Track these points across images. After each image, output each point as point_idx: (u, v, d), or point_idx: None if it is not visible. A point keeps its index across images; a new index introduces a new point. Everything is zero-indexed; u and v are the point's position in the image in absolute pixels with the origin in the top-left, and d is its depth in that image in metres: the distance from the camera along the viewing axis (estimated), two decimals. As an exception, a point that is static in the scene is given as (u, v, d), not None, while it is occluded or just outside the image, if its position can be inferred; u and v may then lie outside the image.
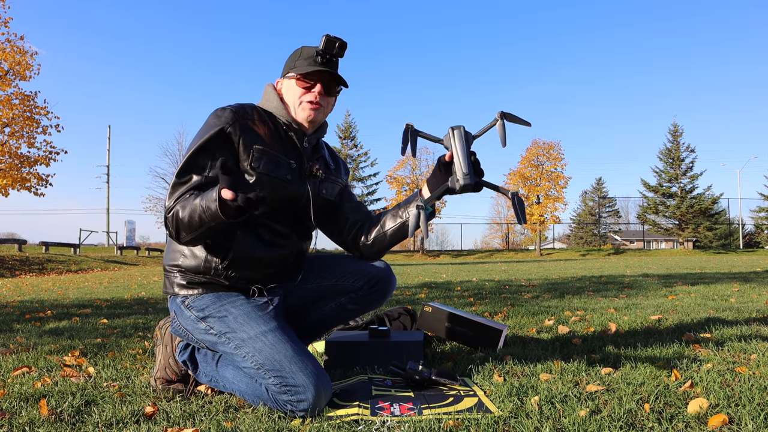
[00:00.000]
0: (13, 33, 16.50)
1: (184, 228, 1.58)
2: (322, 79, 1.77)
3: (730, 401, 1.47)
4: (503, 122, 1.58)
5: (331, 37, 1.72)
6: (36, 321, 3.88)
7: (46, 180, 16.91)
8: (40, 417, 1.48)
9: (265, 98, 1.84)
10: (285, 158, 1.75)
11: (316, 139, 1.87)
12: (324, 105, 1.80)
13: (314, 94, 1.76)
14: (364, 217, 1.95)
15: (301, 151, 1.80)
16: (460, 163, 1.56)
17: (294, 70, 1.77)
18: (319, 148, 1.92)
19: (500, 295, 5.21)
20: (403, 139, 1.58)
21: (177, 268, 1.75)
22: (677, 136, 39.46)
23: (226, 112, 1.70)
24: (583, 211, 58.96)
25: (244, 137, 1.68)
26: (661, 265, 13.03)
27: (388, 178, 33.86)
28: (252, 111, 1.76)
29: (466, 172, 1.55)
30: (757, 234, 44.88)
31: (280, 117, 1.80)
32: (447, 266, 16.06)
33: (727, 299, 4.23)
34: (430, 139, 1.63)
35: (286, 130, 1.79)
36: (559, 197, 32.17)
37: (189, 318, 1.71)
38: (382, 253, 1.96)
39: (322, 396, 1.51)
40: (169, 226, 1.62)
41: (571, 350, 2.29)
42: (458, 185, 1.57)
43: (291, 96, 1.79)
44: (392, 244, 1.90)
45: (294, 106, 1.78)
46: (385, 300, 1.99)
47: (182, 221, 1.57)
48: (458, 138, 1.58)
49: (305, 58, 1.77)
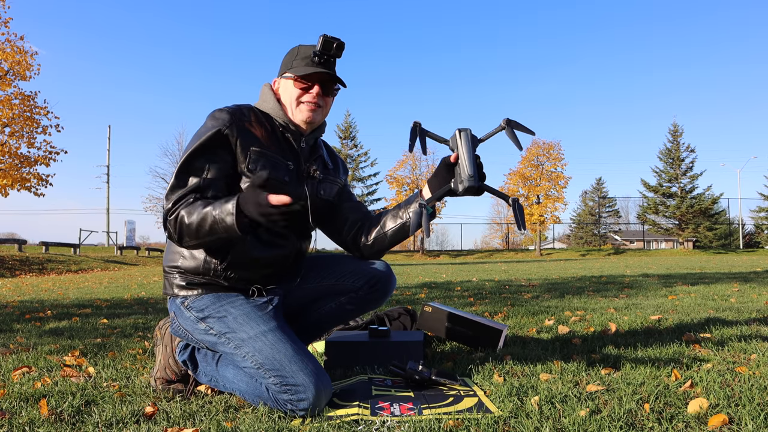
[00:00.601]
0: (13, 33, 16.52)
1: (190, 234, 1.58)
2: (320, 80, 1.76)
3: (730, 401, 1.47)
4: (511, 129, 1.60)
5: (329, 37, 1.71)
6: (36, 321, 3.88)
7: (46, 180, 16.90)
8: (40, 417, 1.48)
9: (262, 99, 1.84)
10: (283, 160, 1.75)
11: (314, 138, 1.87)
12: (322, 106, 1.79)
13: (312, 95, 1.75)
14: (363, 217, 1.94)
15: (299, 153, 1.80)
16: (465, 165, 1.57)
17: (291, 70, 1.76)
18: (317, 147, 1.91)
19: (500, 295, 5.21)
20: (411, 136, 1.58)
21: (176, 270, 1.75)
22: (677, 136, 39.46)
23: (223, 113, 1.69)
24: (583, 211, 58.96)
25: (241, 139, 1.68)
26: (661, 265, 13.03)
27: (388, 178, 33.88)
28: (249, 112, 1.75)
29: (471, 174, 1.56)
30: (757, 234, 44.88)
31: (277, 118, 1.79)
32: (447, 266, 16.06)
33: (727, 299, 4.23)
34: (436, 139, 1.64)
35: (282, 132, 1.79)
36: (559, 197, 32.17)
37: (189, 319, 1.71)
38: (382, 253, 1.96)
39: (322, 395, 1.51)
40: (170, 229, 1.61)
41: (571, 350, 2.29)
42: (461, 187, 1.58)
43: (288, 96, 1.78)
44: (392, 244, 1.90)
45: (291, 106, 1.77)
46: (384, 300, 1.99)
47: (188, 227, 1.57)
48: (465, 140, 1.59)
49: (302, 58, 1.75)
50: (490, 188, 1.62)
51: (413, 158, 33.57)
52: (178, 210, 1.59)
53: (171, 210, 1.61)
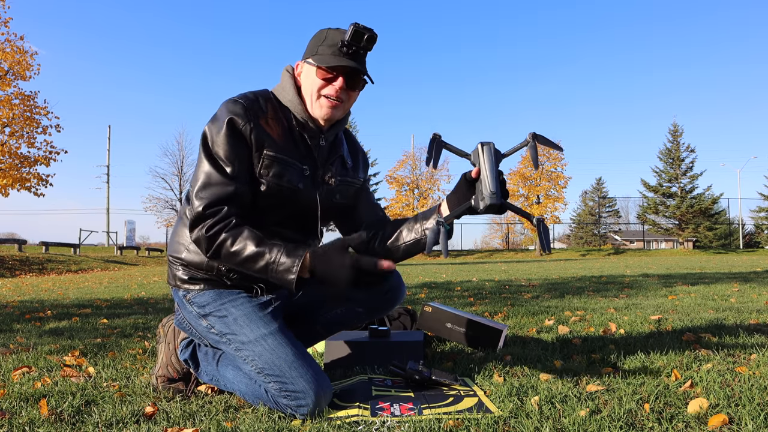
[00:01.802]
0: (13, 33, 16.53)
1: (228, 260, 1.53)
2: (345, 72, 1.62)
3: (730, 401, 1.47)
4: (534, 143, 1.50)
5: (360, 27, 1.55)
6: (36, 321, 3.87)
7: (46, 180, 16.90)
8: (40, 417, 1.48)
9: (281, 86, 1.71)
10: (298, 164, 1.66)
11: (334, 134, 1.75)
12: (345, 100, 1.66)
13: (335, 87, 1.62)
14: (378, 223, 1.84)
15: (316, 157, 1.71)
16: (488, 181, 1.46)
17: (315, 57, 1.61)
18: (338, 144, 1.81)
19: (500, 295, 5.21)
20: (428, 149, 1.49)
21: (180, 261, 1.72)
22: (677, 136, 39.44)
23: (238, 107, 1.58)
24: (583, 211, 58.94)
25: (256, 135, 1.58)
26: (661, 265, 13.03)
27: (388, 178, 33.82)
28: (266, 104, 1.64)
29: (493, 191, 1.46)
30: (757, 234, 44.86)
31: (296, 113, 1.67)
32: (447, 266, 16.05)
33: (727, 299, 4.23)
34: (456, 152, 1.53)
35: (300, 131, 1.68)
36: (559, 197, 32.15)
37: (191, 313, 1.70)
38: (394, 263, 1.90)
39: (322, 400, 1.50)
40: (201, 241, 1.54)
41: (571, 350, 2.28)
42: (483, 204, 1.48)
43: (309, 86, 1.65)
44: (406, 257, 1.79)
45: (312, 98, 1.65)
46: (393, 308, 1.94)
47: (230, 255, 1.52)
48: (487, 155, 1.48)
49: (329, 45, 1.60)
50: (513, 206, 1.52)
51: (413, 158, 33.56)
52: (216, 227, 1.52)
53: (202, 216, 1.53)
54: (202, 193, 1.55)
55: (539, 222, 1.47)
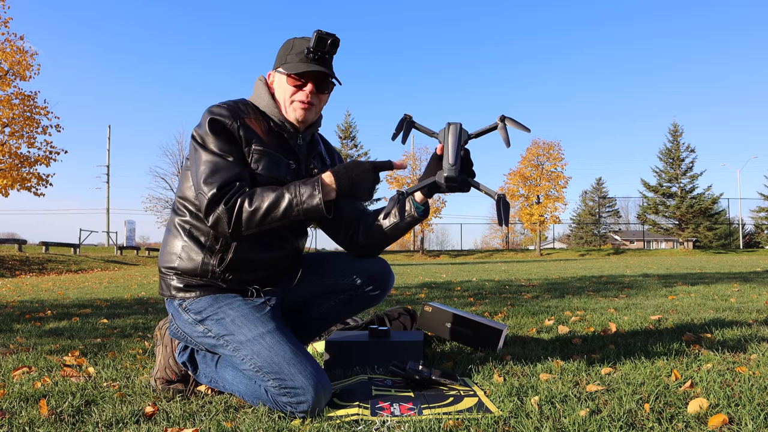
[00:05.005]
0: (13, 33, 16.50)
1: (251, 221, 1.57)
2: (314, 77, 1.72)
3: (730, 401, 1.47)
4: (504, 125, 1.58)
5: (323, 33, 1.65)
6: (36, 321, 3.88)
7: (46, 180, 16.90)
8: (40, 417, 1.48)
9: (256, 94, 1.80)
10: (284, 158, 1.74)
11: (310, 134, 1.84)
12: (316, 103, 1.76)
13: (305, 93, 1.72)
14: (360, 215, 1.93)
15: (297, 152, 1.79)
16: (448, 155, 1.55)
17: (285, 66, 1.72)
18: (315, 144, 1.90)
19: (500, 295, 5.21)
20: (397, 126, 1.61)
21: (173, 271, 1.73)
22: (677, 136, 39.46)
23: (222, 109, 1.67)
24: (583, 211, 58.95)
25: (244, 133, 1.66)
26: (661, 265, 13.03)
27: (388, 178, 33.84)
28: (246, 108, 1.73)
29: (452, 163, 1.54)
30: (757, 234, 44.86)
31: (272, 116, 1.76)
32: (447, 266, 16.05)
33: (727, 299, 4.23)
34: (426, 132, 1.64)
35: (278, 131, 1.76)
36: (559, 197, 32.16)
37: (187, 321, 1.70)
38: (380, 250, 1.94)
39: (322, 397, 1.50)
40: (219, 218, 1.57)
41: (571, 350, 2.28)
42: (443, 177, 1.56)
43: (282, 93, 1.75)
44: (390, 240, 1.88)
45: (285, 104, 1.75)
46: (383, 297, 1.98)
47: (251, 213, 1.56)
48: (452, 132, 1.57)
49: (296, 53, 1.71)
50: (477, 184, 1.60)
51: (413, 158, 33.56)
52: (233, 198, 1.57)
53: (218, 196, 1.57)
54: (211, 179, 1.59)
55: (501, 198, 1.54)
